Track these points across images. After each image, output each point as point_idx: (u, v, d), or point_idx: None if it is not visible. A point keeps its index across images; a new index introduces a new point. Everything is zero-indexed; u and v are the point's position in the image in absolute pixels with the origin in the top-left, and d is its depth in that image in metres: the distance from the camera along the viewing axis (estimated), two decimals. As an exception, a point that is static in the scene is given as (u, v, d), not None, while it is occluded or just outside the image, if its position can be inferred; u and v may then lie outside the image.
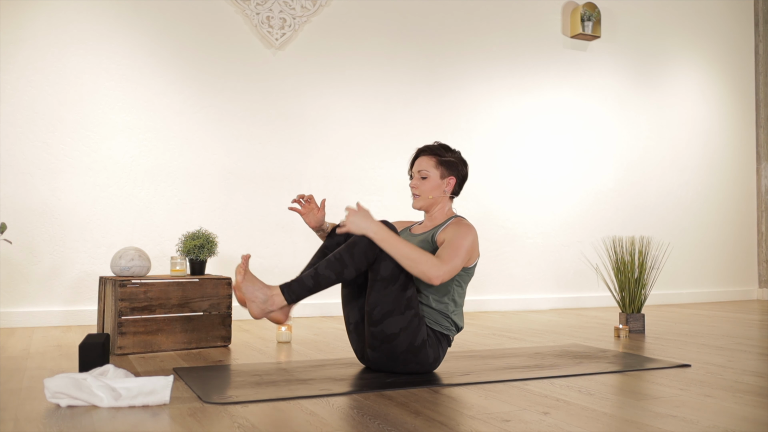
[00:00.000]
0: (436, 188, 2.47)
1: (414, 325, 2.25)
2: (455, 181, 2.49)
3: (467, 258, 2.30)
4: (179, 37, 4.18)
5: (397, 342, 2.24)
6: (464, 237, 2.31)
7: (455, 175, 2.49)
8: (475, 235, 2.37)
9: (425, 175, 2.46)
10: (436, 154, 2.48)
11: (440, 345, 2.36)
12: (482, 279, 4.89)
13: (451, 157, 2.49)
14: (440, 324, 2.36)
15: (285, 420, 1.73)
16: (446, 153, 2.49)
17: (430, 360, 2.32)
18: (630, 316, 3.59)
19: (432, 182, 2.46)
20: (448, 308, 2.37)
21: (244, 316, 4.18)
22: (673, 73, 5.71)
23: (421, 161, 2.49)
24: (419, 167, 2.48)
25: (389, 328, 2.23)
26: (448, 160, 2.47)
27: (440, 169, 2.47)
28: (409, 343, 2.25)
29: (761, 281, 6.01)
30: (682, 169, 5.71)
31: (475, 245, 2.35)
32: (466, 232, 2.33)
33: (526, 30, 5.14)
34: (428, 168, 2.47)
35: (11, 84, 3.82)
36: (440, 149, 2.49)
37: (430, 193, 2.47)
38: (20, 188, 3.82)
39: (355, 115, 4.59)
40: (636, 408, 1.87)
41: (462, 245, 2.28)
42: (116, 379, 1.89)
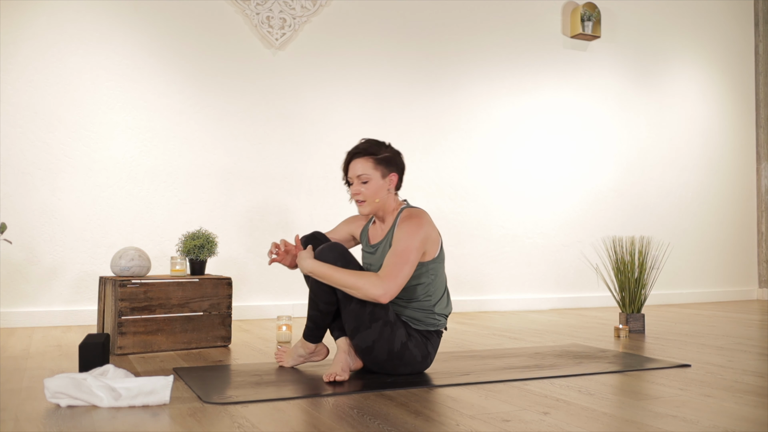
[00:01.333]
0: (380, 189, 2.33)
1: (386, 334, 2.22)
2: (397, 176, 2.37)
3: (418, 258, 2.21)
4: (179, 37, 4.18)
5: (375, 353, 2.24)
6: (410, 237, 2.20)
7: (395, 170, 2.36)
8: (425, 225, 2.25)
9: (366, 179, 2.31)
10: (372, 154, 2.33)
11: (428, 342, 2.33)
12: (482, 279, 4.89)
13: (387, 152, 2.35)
14: (423, 322, 2.32)
15: (285, 420, 1.73)
16: (381, 150, 2.35)
17: (418, 359, 2.30)
18: (630, 316, 3.59)
19: (374, 184, 2.32)
20: (429, 303, 2.32)
21: (244, 316, 4.18)
22: (673, 73, 5.71)
23: (356, 165, 2.33)
24: (357, 171, 2.33)
25: (363, 342, 2.23)
26: (385, 157, 2.33)
27: (380, 168, 2.32)
28: (388, 350, 2.24)
29: (761, 281, 6.01)
30: (682, 169, 5.71)
31: (427, 238, 2.25)
32: (412, 230, 2.22)
33: (526, 30, 5.14)
34: (367, 171, 2.32)
35: (11, 84, 3.82)
36: (373, 147, 2.35)
37: (376, 197, 2.33)
38: (20, 188, 3.82)
39: (355, 115, 4.59)
40: (636, 408, 1.87)
41: (407, 249, 2.18)
42: (116, 379, 1.89)
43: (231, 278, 3.19)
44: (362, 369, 2.38)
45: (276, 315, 4.25)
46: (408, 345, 2.27)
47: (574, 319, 4.28)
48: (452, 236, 4.81)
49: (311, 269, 2.21)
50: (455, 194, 4.85)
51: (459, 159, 4.86)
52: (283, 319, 3.21)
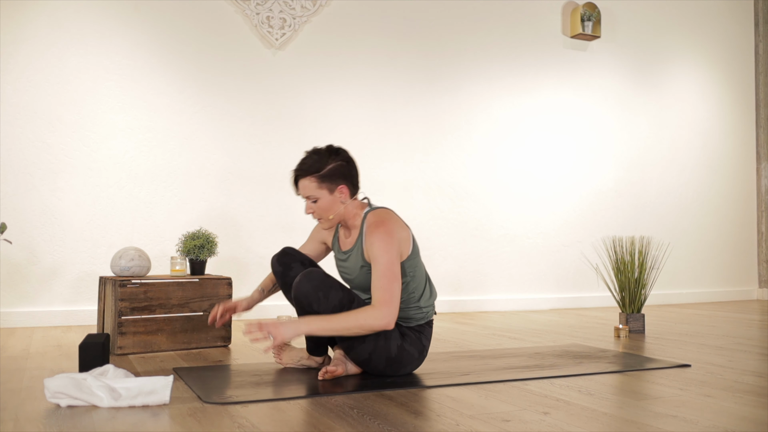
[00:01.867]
0: (332, 205, 2.26)
1: (380, 344, 2.20)
2: (347, 186, 2.27)
3: (398, 264, 2.17)
4: (179, 37, 4.18)
5: (373, 363, 2.24)
6: (387, 251, 2.14)
7: (343, 181, 2.26)
8: (395, 230, 2.19)
9: (314, 198, 2.25)
10: (315, 172, 2.23)
11: (421, 335, 2.31)
12: (482, 279, 4.89)
13: (331, 164, 2.24)
14: (414, 318, 2.30)
15: (285, 420, 1.73)
16: (324, 164, 2.24)
17: (416, 356, 2.30)
18: (630, 316, 3.59)
19: (324, 202, 2.25)
20: (414, 298, 2.29)
21: (244, 316, 4.18)
22: (673, 73, 5.71)
23: (302, 187, 2.26)
24: (304, 193, 2.26)
25: (359, 356, 2.22)
26: (329, 172, 2.23)
27: (325, 185, 2.24)
28: (386, 358, 2.23)
29: (761, 281, 6.01)
30: (682, 168, 5.71)
31: (401, 243, 2.21)
32: (385, 241, 2.16)
33: (525, 30, 5.14)
34: (312, 191, 2.24)
35: (11, 84, 3.83)
36: (315, 163, 2.24)
37: (330, 213, 2.27)
38: (20, 188, 3.82)
39: (355, 115, 4.59)
40: (636, 408, 1.87)
41: (389, 265, 2.13)
42: (116, 379, 1.89)
43: (231, 278, 3.19)
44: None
45: (276, 315, 4.25)
46: (404, 346, 2.26)
47: (574, 319, 4.28)
48: (452, 236, 4.81)
49: (306, 329, 2.12)
50: (455, 194, 4.85)
51: (459, 159, 4.86)
52: (283, 319, 3.21)
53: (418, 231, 4.71)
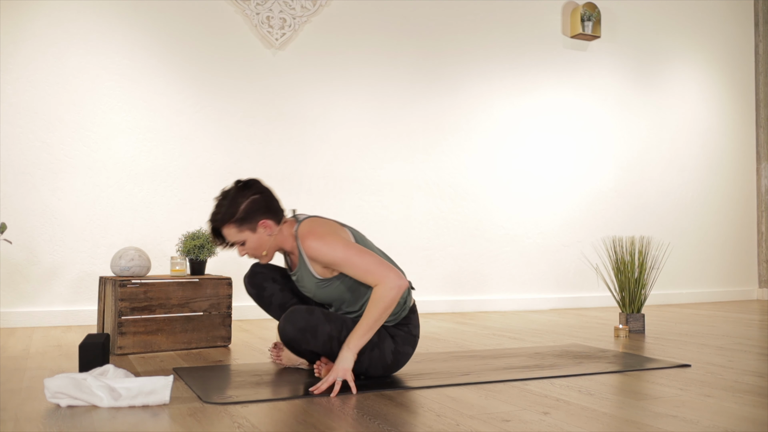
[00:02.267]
0: (261, 241, 2.19)
1: (375, 355, 2.19)
2: (268, 218, 2.18)
3: (353, 242, 2.14)
4: (179, 37, 4.18)
5: (371, 372, 2.22)
6: (333, 249, 2.09)
7: (262, 216, 2.17)
8: (326, 234, 2.13)
9: (241, 242, 2.18)
10: (229, 219, 2.15)
11: (409, 325, 2.28)
12: (482, 279, 4.89)
13: (242, 203, 2.15)
14: (395, 313, 2.25)
15: (285, 420, 1.73)
16: (235, 206, 2.15)
17: (410, 351, 2.28)
18: (630, 316, 3.59)
19: (251, 242, 2.18)
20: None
21: (244, 316, 4.18)
22: (673, 73, 5.72)
23: (225, 236, 2.19)
24: (230, 240, 2.19)
25: (358, 369, 2.18)
26: (243, 214, 2.15)
27: (245, 227, 2.16)
28: (382, 367, 2.22)
29: (761, 281, 6.01)
30: (681, 168, 5.71)
31: (342, 236, 2.17)
32: (326, 243, 2.10)
33: (526, 30, 5.14)
34: (235, 237, 2.17)
35: (11, 84, 3.83)
36: (228, 209, 2.15)
37: (262, 249, 2.20)
38: (20, 188, 3.82)
39: (355, 115, 4.59)
40: (636, 408, 1.87)
41: (346, 253, 2.08)
42: (116, 379, 1.89)
43: (231, 278, 3.19)
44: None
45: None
46: (398, 349, 2.24)
47: (574, 319, 4.28)
48: (452, 236, 4.81)
49: (357, 349, 2.07)
50: (455, 194, 4.85)
51: (459, 159, 4.86)
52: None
53: (418, 231, 4.71)
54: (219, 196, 2.20)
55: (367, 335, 2.08)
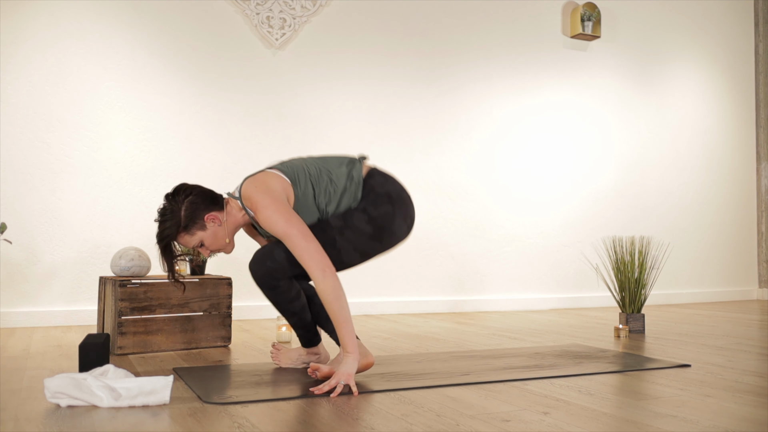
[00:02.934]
0: (216, 233, 2.25)
1: (349, 237, 2.23)
2: (211, 210, 2.23)
3: (294, 217, 2.12)
4: (179, 36, 4.18)
5: (362, 248, 2.27)
6: (275, 218, 2.10)
7: (204, 211, 2.22)
8: (266, 194, 2.14)
9: (200, 244, 2.25)
10: (178, 230, 2.21)
11: (370, 193, 2.28)
12: (482, 279, 4.89)
13: (181, 211, 2.20)
14: (349, 198, 2.27)
15: (285, 420, 1.73)
16: (176, 218, 2.20)
17: (389, 210, 2.27)
18: (630, 316, 3.59)
19: (208, 239, 2.24)
20: (334, 196, 2.26)
21: (244, 316, 4.18)
22: (673, 73, 5.72)
23: (184, 244, 2.25)
24: (188, 246, 2.25)
25: (347, 261, 2.28)
26: (186, 220, 2.20)
27: (194, 230, 2.22)
28: (367, 238, 2.25)
29: (761, 281, 6.01)
30: (682, 168, 5.71)
31: (280, 199, 2.14)
32: (267, 209, 2.11)
33: (526, 30, 5.14)
34: (192, 242, 2.24)
35: (11, 84, 3.83)
36: (170, 223, 2.20)
37: (222, 239, 2.26)
38: (20, 188, 3.82)
39: (355, 115, 4.59)
40: (636, 408, 1.87)
41: (286, 231, 2.09)
42: (116, 379, 1.89)
43: (231, 278, 3.19)
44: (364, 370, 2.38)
45: (276, 315, 4.25)
46: (371, 214, 2.24)
47: (574, 319, 4.28)
48: (452, 236, 4.81)
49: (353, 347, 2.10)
50: (455, 194, 4.85)
51: (459, 159, 4.86)
52: (283, 319, 3.21)
53: (418, 231, 4.71)
54: (158, 217, 2.24)
55: (347, 328, 2.10)
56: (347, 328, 2.10)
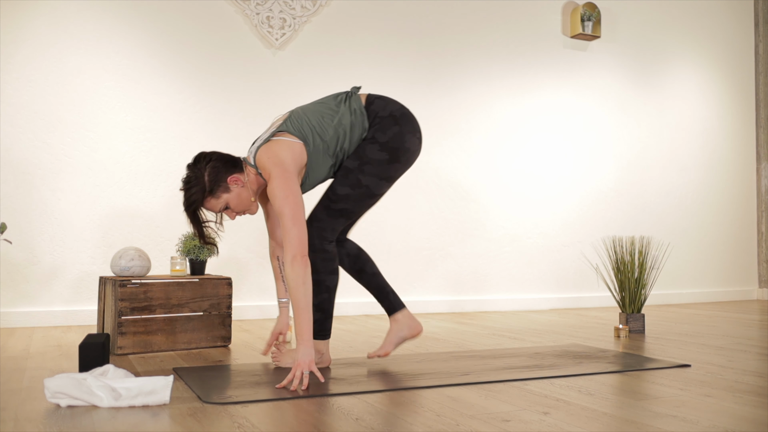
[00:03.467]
0: (240, 195, 2.33)
1: (367, 170, 2.34)
2: (232, 172, 2.31)
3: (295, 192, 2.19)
4: (179, 37, 4.18)
5: (377, 173, 2.38)
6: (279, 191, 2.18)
7: (225, 173, 2.30)
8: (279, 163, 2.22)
9: (226, 207, 2.33)
10: (204, 195, 2.29)
11: (377, 123, 2.37)
12: (482, 279, 4.89)
13: (204, 177, 2.28)
14: (359, 135, 2.37)
15: (285, 420, 1.73)
16: (200, 183, 2.28)
17: (399, 131, 2.36)
18: (630, 316, 3.59)
19: (233, 201, 2.32)
20: (336, 141, 2.36)
21: (244, 316, 4.18)
22: (673, 73, 5.72)
23: (210, 208, 2.32)
24: (215, 210, 2.33)
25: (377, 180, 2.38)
26: (213, 184, 2.28)
27: (220, 192, 2.30)
28: (384, 161, 2.35)
29: (761, 281, 6.01)
30: (682, 169, 5.71)
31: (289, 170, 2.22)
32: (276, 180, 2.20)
33: (525, 30, 5.14)
34: (219, 205, 2.32)
35: (11, 84, 3.83)
36: (196, 188, 2.28)
37: (246, 200, 2.34)
38: (20, 188, 3.82)
39: (355, 115, 4.58)
40: (636, 408, 1.87)
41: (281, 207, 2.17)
42: (116, 379, 1.89)
43: (231, 278, 3.19)
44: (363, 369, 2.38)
45: (276, 315, 4.25)
46: (382, 141, 2.33)
47: (574, 319, 4.28)
48: (452, 236, 4.81)
49: (308, 336, 2.15)
50: (455, 194, 4.85)
51: (459, 159, 4.86)
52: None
53: (418, 231, 4.71)
54: (183, 185, 2.32)
55: (304, 316, 2.14)
56: (304, 316, 2.14)
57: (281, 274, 2.55)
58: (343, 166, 2.37)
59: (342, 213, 2.37)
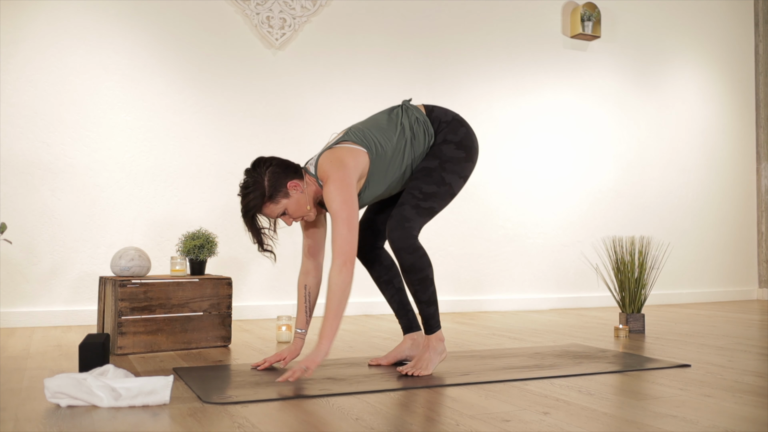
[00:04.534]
0: (299, 201, 2.29)
1: (448, 169, 2.37)
2: (292, 178, 2.27)
3: (353, 200, 2.19)
4: (179, 36, 4.18)
5: (459, 171, 2.42)
6: (335, 196, 2.17)
7: (286, 179, 2.26)
8: (343, 165, 2.21)
9: (283, 213, 2.28)
10: (263, 200, 2.25)
11: (445, 127, 2.43)
12: (482, 279, 4.89)
13: (264, 182, 2.24)
14: (425, 139, 2.40)
15: (285, 420, 1.73)
16: (260, 189, 2.24)
17: (464, 126, 2.44)
18: (630, 316, 3.59)
19: (291, 206, 2.28)
20: (401, 152, 2.38)
21: (244, 316, 4.18)
22: (673, 73, 5.72)
23: (268, 214, 2.28)
24: (273, 216, 2.29)
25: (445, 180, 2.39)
26: (271, 190, 2.24)
27: (279, 197, 2.25)
28: (463, 155, 2.39)
29: (761, 281, 6.01)
30: (682, 169, 5.71)
31: (349, 177, 2.21)
32: (335, 188, 2.18)
33: (525, 30, 5.14)
34: (277, 210, 2.27)
35: (11, 84, 3.83)
36: (256, 192, 2.24)
37: (304, 207, 2.30)
38: (20, 188, 3.82)
39: (355, 115, 4.58)
40: (636, 408, 1.87)
41: (336, 212, 2.17)
42: (116, 379, 1.89)
43: (231, 278, 3.19)
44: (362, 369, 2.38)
45: (276, 315, 4.25)
46: (454, 140, 2.38)
47: (574, 319, 4.28)
48: (452, 236, 4.81)
49: (328, 343, 2.16)
50: (455, 194, 4.84)
51: (459, 159, 4.86)
52: (283, 319, 3.21)
53: (418, 231, 4.71)
54: (241, 190, 2.28)
55: (335, 323, 2.16)
56: (335, 322, 2.16)
57: (305, 305, 2.47)
58: (422, 167, 2.36)
59: (430, 212, 2.34)
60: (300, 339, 2.48)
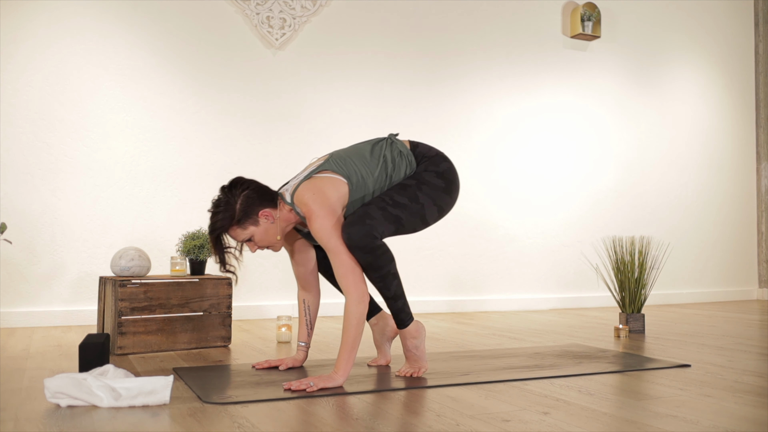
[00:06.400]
0: (267, 230, 2.24)
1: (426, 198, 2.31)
2: (265, 206, 2.22)
3: (338, 224, 2.15)
4: (179, 37, 4.18)
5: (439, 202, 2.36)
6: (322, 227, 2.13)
7: (258, 206, 2.21)
8: (323, 196, 2.17)
9: (249, 239, 2.24)
10: (231, 223, 2.20)
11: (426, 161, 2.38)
12: (482, 279, 4.89)
13: (236, 204, 2.20)
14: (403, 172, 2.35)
15: (285, 420, 1.73)
16: (230, 210, 2.20)
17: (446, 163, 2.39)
18: (630, 316, 3.59)
19: (259, 234, 2.23)
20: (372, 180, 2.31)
21: (244, 316, 4.18)
22: (673, 73, 5.71)
23: (234, 236, 2.24)
24: (238, 240, 2.25)
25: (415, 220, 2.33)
26: (243, 215, 2.20)
27: (247, 224, 2.21)
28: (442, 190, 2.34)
29: (761, 281, 6.01)
30: (681, 169, 5.71)
31: (333, 206, 2.17)
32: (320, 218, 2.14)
33: (525, 30, 5.14)
34: (243, 236, 2.22)
35: (11, 84, 3.83)
36: (224, 215, 2.19)
37: (272, 237, 2.25)
38: (20, 188, 3.82)
39: (355, 116, 4.59)
40: (636, 408, 1.87)
41: (328, 239, 2.13)
42: (116, 379, 1.89)
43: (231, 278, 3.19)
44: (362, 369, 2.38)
45: (276, 315, 4.25)
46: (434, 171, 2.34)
47: (574, 319, 4.28)
48: (452, 236, 4.81)
49: (346, 368, 2.12)
50: (455, 194, 4.84)
51: (459, 159, 4.86)
52: (283, 319, 3.21)
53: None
54: (212, 207, 2.24)
55: (352, 353, 2.13)
56: (352, 354, 2.13)
57: (306, 318, 2.48)
58: (398, 183, 2.31)
59: (396, 220, 2.24)
60: (302, 351, 2.50)
